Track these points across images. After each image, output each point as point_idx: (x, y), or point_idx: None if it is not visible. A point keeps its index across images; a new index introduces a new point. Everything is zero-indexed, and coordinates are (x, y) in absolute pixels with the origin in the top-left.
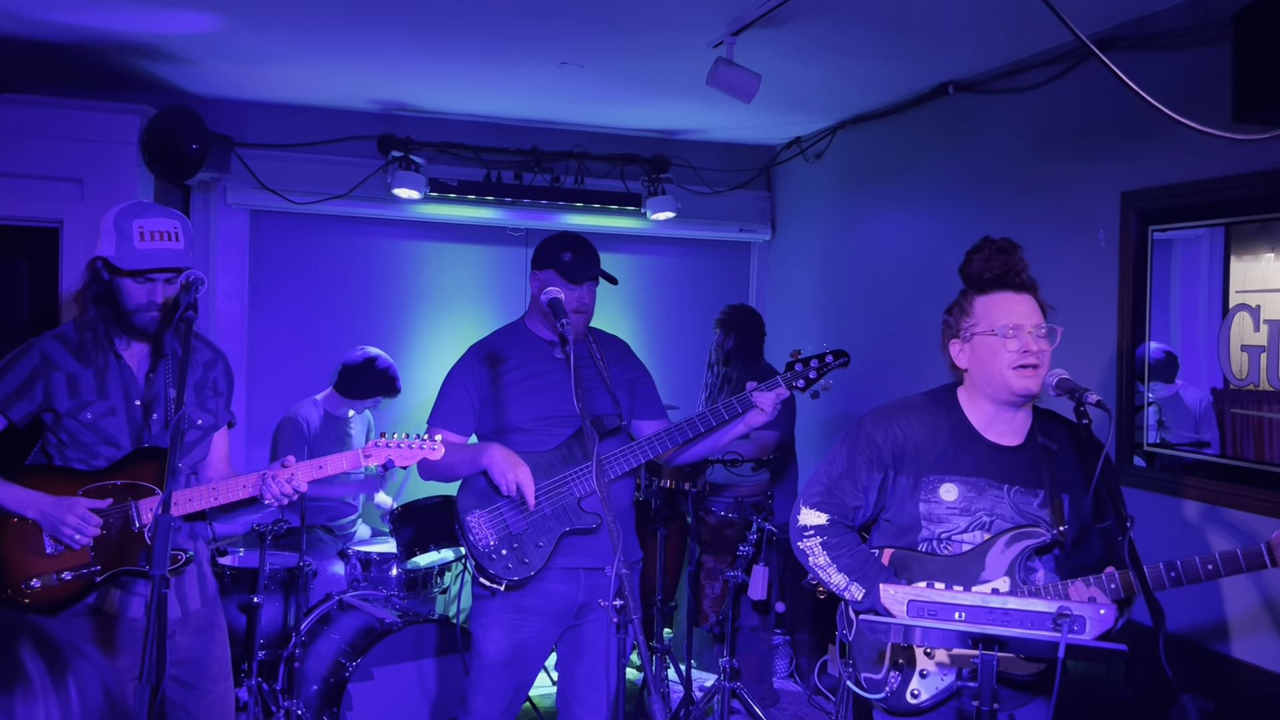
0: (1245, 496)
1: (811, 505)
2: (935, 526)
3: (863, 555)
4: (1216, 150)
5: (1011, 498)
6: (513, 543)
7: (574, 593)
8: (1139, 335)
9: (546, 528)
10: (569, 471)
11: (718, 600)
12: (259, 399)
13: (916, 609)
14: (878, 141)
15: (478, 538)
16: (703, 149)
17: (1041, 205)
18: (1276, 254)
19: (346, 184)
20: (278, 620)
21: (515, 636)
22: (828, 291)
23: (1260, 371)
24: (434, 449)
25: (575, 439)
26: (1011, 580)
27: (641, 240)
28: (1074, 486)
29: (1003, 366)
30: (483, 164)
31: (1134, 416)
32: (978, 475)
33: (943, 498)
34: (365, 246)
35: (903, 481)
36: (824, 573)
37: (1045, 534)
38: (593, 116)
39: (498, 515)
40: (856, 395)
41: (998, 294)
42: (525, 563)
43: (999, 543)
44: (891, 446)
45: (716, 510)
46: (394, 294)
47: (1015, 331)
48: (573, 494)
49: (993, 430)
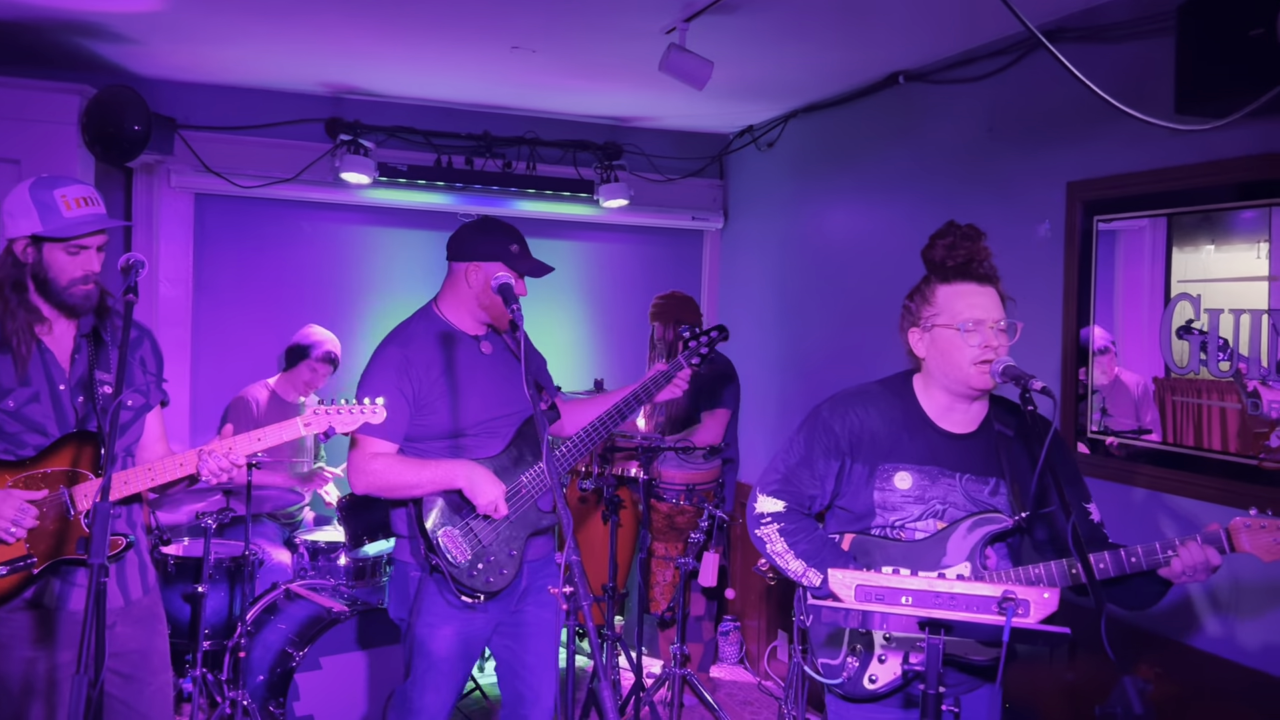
0: (1186, 482)
1: (769, 493)
2: (889, 514)
3: (820, 541)
4: (1160, 141)
5: (963, 485)
6: (487, 555)
7: (519, 582)
8: (1083, 324)
9: (513, 534)
10: (522, 475)
11: (668, 587)
12: (204, 386)
13: (864, 593)
14: (829, 131)
15: (454, 557)
16: (655, 136)
17: (989, 195)
18: (1217, 245)
19: (293, 168)
20: (223, 610)
21: (465, 631)
22: (780, 280)
23: (1200, 360)
24: (375, 412)
25: (519, 439)
26: (973, 566)
27: (594, 227)
28: (1027, 475)
29: (964, 361)
30: (433, 149)
31: (1077, 404)
32: (930, 463)
33: (897, 486)
34: (313, 231)
35: (858, 469)
36: (781, 560)
37: (1007, 520)
38: (545, 102)
39: (469, 530)
40: (810, 383)
41: (961, 285)
42: (503, 573)
43: (960, 528)
44: (848, 434)
45: (668, 498)
46: (342, 280)
47: (977, 326)
48: (531, 497)
49: (946, 419)
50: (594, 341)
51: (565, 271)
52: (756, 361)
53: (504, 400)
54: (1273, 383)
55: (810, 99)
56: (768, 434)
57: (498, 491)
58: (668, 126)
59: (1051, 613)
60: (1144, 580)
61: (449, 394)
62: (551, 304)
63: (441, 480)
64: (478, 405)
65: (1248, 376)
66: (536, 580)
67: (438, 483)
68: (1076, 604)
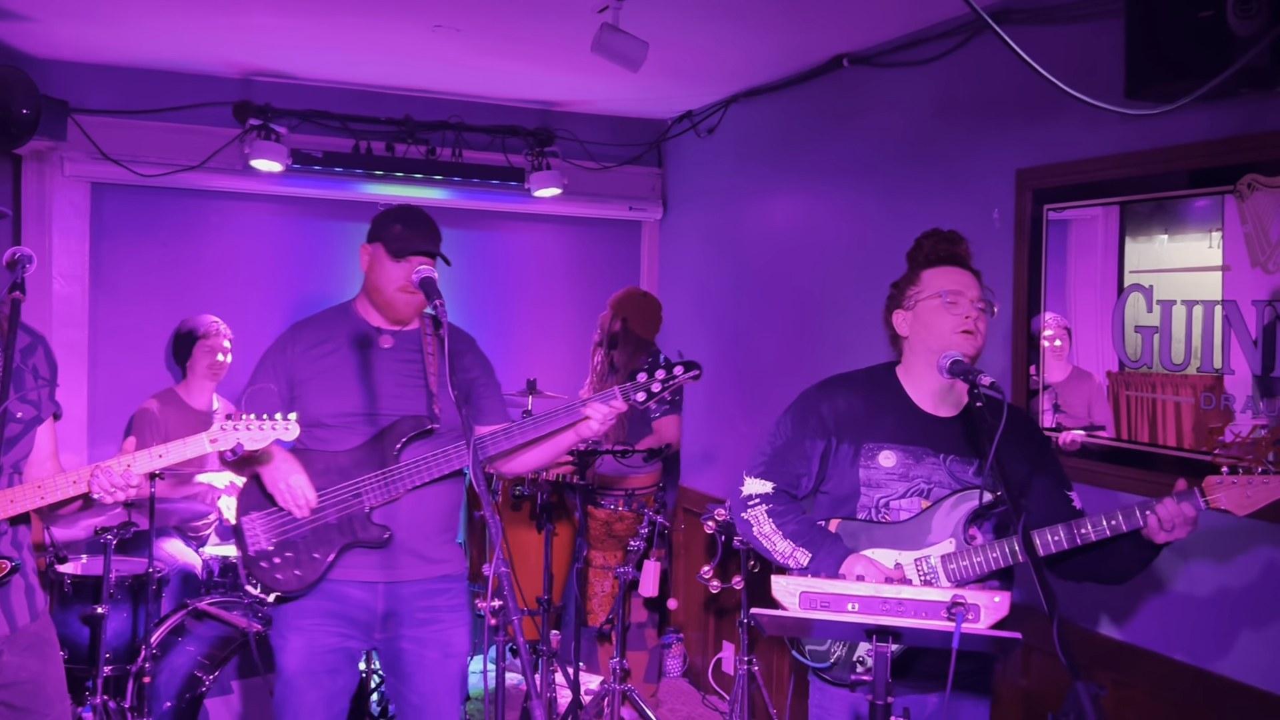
0: (1140, 480)
1: (756, 474)
2: (874, 492)
3: (809, 522)
4: (1111, 127)
5: (948, 466)
6: (286, 550)
7: (372, 601)
8: (1034, 317)
9: (326, 538)
10: (363, 477)
11: (607, 598)
12: (103, 392)
13: (809, 600)
14: (771, 116)
15: (251, 541)
16: (589, 122)
17: (937, 182)
18: (1170, 234)
19: (199, 155)
20: (125, 632)
21: (315, 643)
22: (722, 272)
23: (1153, 353)
24: (288, 428)
25: (377, 441)
26: (957, 542)
27: (525, 218)
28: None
29: (945, 330)
30: (350, 134)
31: (1029, 401)
32: (915, 444)
33: (881, 464)
34: (220, 223)
35: (844, 449)
36: (768, 541)
37: (989, 496)
38: (471, 84)
39: (275, 519)
40: (753, 383)
41: (944, 267)
42: (297, 574)
43: (945, 505)
44: (834, 415)
45: (605, 504)
46: (254, 276)
47: (958, 297)
48: (364, 503)
49: (930, 403)
50: (526, 340)
51: (495, 265)
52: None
53: (382, 400)
54: (1226, 376)
55: (751, 83)
56: (711, 435)
57: (293, 482)
58: (602, 111)
59: (1003, 617)
60: (1131, 545)
61: (324, 380)
62: (480, 300)
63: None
64: (346, 398)
65: (1201, 370)
66: (409, 610)
67: (246, 467)
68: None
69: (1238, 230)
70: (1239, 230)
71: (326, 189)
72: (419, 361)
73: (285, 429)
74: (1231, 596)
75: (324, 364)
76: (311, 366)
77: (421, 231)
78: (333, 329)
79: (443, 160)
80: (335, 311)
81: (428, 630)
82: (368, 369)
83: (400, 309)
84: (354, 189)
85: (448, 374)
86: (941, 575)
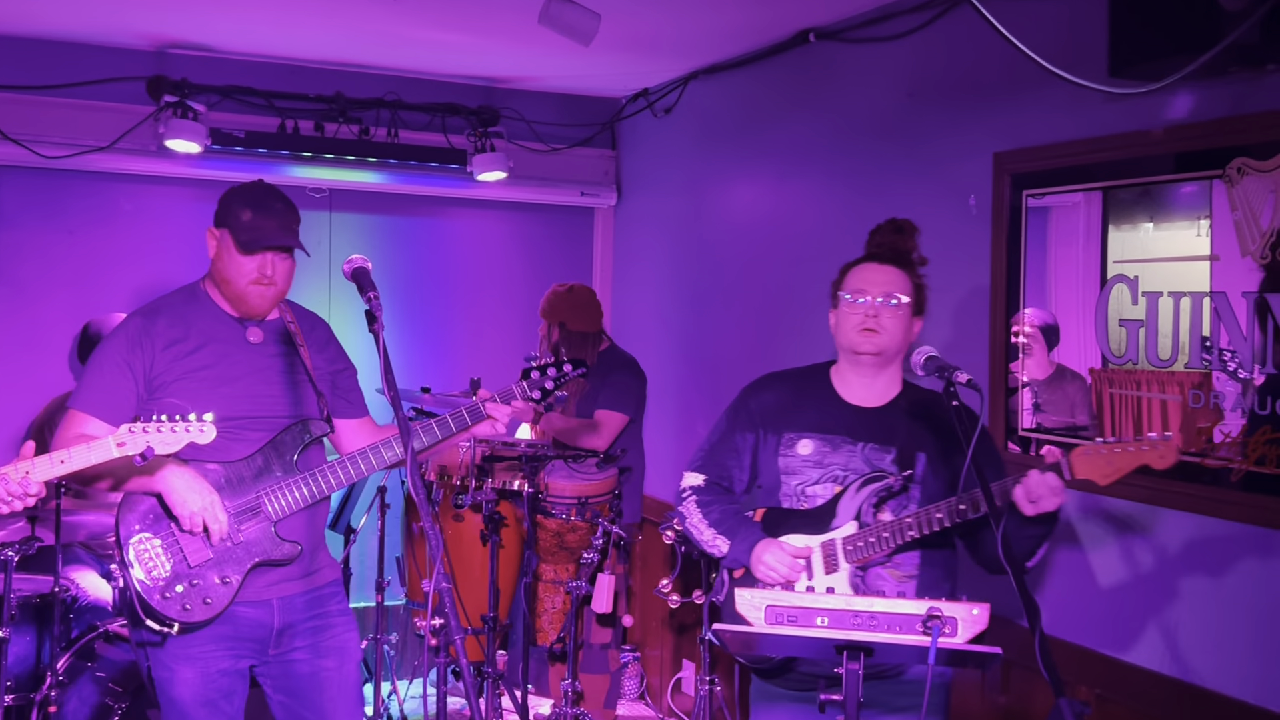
0: (1125, 483)
1: (693, 468)
2: (792, 479)
3: (732, 511)
4: (1094, 108)
5: (864, 453)
6: (191, 578)
7: (268, 618)
8: (1013, 310)
9: (235, 558)
10: (264, 488)
11: (558, 615)
12: (1, 393)
13: (775, 615)
14: (733, 95)
15: (147, 570)
16: (537, 100)
17: (910, 166)
18: (1155, 222)
19: (109, 135)
20: (29, 657)
21: (209, 669)
22: (681, 262)
23: (1139, 348)
24: (203, 430)
25: (272, 447)
26: (858, 524)
27: (467, 204)
28: (932, 449)
29: (848, 327)
30: (276, 112)
31: (1008, 398)
32: (833, 433)
33: (799, 452)
34: (133, 209)
35: (770, 440)
36: (697, 531)
37: (893, 481)
38: (409, 59)
39: (173, 543)
40: (716, 378)
41: (863, 265)
42: (207, 602)
43: (850, 490)
44: (761, 409)
45: (556, 513)
46: (169, 266)
47: (860, 294)
48: (269, 516)
49: (855, 395)
50: (468, 337)
51: (434, 256)
52: (656, 356)
53: (262, 400)
54: (1216, 372)
55: (711, 59)
56: (671, 437)
57: (205, 501)
58: (551, 89)
59: (982, 631)
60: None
61: (192, 380)
62: (419, 294)
63: (142, 480)
64: (227, 401)
65: (1189, 366)
66: (302, 619)
67: (138, 482)
68: (1010, 621)
69: (1227, 217)
70: (1228, 217)
71: (249, 172)
72: (295, 356)
73: (200, 431)
74: (1221, 610)
75: (191, 362)
76: (176, 366)
77: (275, 219)
78: (189, 321)
79: (377, 141)
80: (183, 298)
81: (322, 638)
82: (244, 367)
83: (254, 303)
84: (280, 172)
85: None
86: (841, 556)
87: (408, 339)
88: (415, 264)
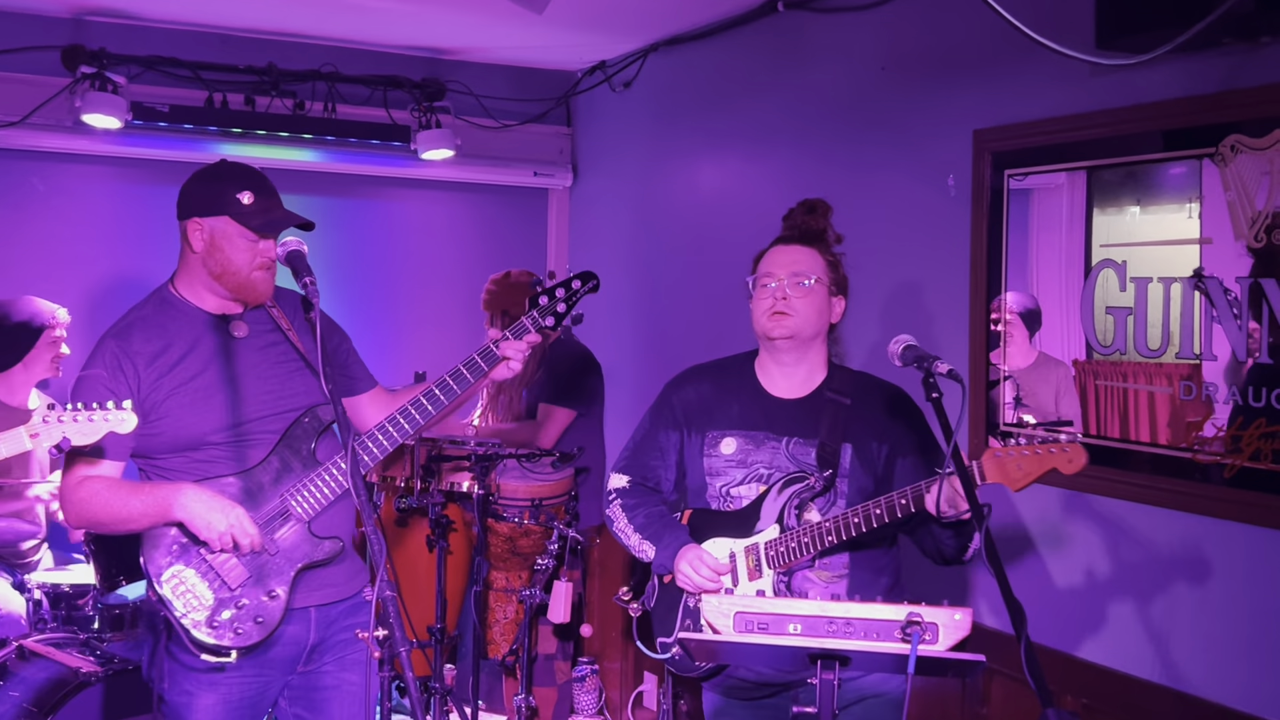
0: (1111, 481)
1: (618, 470)
2: (716, 480)
3: (658, 514)
4: (1079, 83)
5: (789, 449)
6: (236, 600)
7: (304, 634)
8: (994, 297)
9: (276, 569)
10: (286, 489)
11: (511, 626)
12: None
13: (744, 622)
14: (697, 68)
15: (187, 604)
16: (487, 73)
17: (884, 145)
18: (1142, 204)
19: (20, 109)
20: None
21: (232, 697)
22: (642, 247)
23: (1127, 337)
24: (123, 418)
25: (285, 445)
26: (781, 527)
27: (411, 185)
28: (861, 438)
29: (758, 312)
30: (203, 85)
31: (988, 391)
32: (757, 429)
33: (722, 451)
34: (47, 190)
35: (694, 440)
36: (625, 536)
37: (814, 482)
38: (347, 28)
39: (207, 570)
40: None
41: (774, 248)
42: (259, 621)
43: (772, 491)
44: (683, 406)
45: (508, 516)
46: (85, 249)
47: (769, 278)
48: (301, 519)
49: (777, 386)
50: (413, 327)
51: (376, 240)
52: (615, 347)
53: (265, 397)
54: (1207, 363)
55: (673, 29)
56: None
57: (230, 518)
58: (501, 60)
59: (964, 637)
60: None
61: (185, 393)
62: (359, 281)
63: (156, 510)
64: (225, 406)
65: (1179, 356)
66: (335, 633)
67: (152, 514)
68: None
69: (1219, 198)
70: (1220, 198)
71: (174, 149)
72: (285, 342)
73: (120, 420)
74: (1213, 613)
75: (179, 375)
76: (165, 382)
77: (274, 196)
78: (167, 330)
79: (313, 116)
80: (154, 306)
81: (351, 652)
82: (235, 367)
83: (261, 289)
84: (207, 149)
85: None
86: (764, 561)
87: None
88: (354, 250)
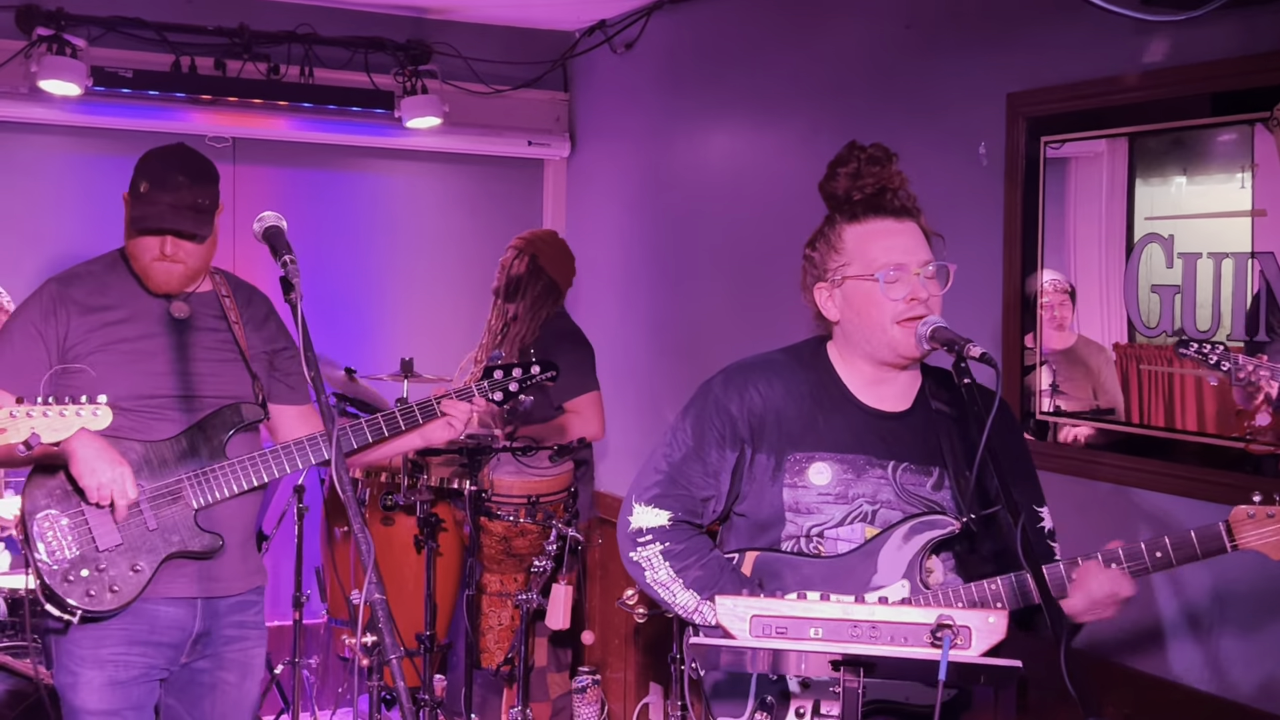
0: (1156, 474)
1: (647, 502)
2: (804, 520)
3: (718, 566)
4: (1122, 40)
5: (897, 479)
6: (98, 562)
7: (189, 621)
8: (1029, 274)
9: (149, 546)
10: (187, 473)
11: (506, 632)
12: None
13: (761, 626)
14: (705, 27)
15: (50, 549)
16: (476, 34)
17: (909, 110)
18: (1189, 174)
19: None
20: None
21: (119, 676)
22: (645, 222)
23: (1174, 318)
24: (96, 414)
25: (199, 430)
26: (912, 584)
27: (396, 155)
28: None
29: (886, 320)
30: (169, 48)
31: (1023, 377)
32: (855, 451)
33: (813, 481)
34: (1, 161)
35: (761, 461)
36: (665, 591)
37: (953, 523)
38: None
39: (81, 523)
40: (687, 359)
41: (873, 222)
42: (114, 590)
43: (895, 536)
44: (747, 416)
45: (502, 515)
46: (41, 225)
47: (899, 273)
48: (189, 504)
49: (871, 393)
50: (399, 310)
51: (358, 216)
52: (616, 330)
53: (189, 379)
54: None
55: None
56: (632, 426)
57: (115, 474)
58: (492, 20)
59: (999, 641)
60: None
61: (112, 353)
62: (340, 259)
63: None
64: (151, 378)
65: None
66: (220, 628)
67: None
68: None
69: (1274, 167)
70: (1275, 167)
71: (139, 118)
72: (226, 331)
73: (94, 416)
74: (1267, 617)
75: (112, 334)
76: (95, 337)
77: (170, 195)
78: (110, 290)
79: (288, 82)
80: (103, 266)
81: (230, 649)
82: (169, 342)
83: (158, 281)
84: (175, 118)
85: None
86: None
87: (328, 312)
88: (335, 226)
